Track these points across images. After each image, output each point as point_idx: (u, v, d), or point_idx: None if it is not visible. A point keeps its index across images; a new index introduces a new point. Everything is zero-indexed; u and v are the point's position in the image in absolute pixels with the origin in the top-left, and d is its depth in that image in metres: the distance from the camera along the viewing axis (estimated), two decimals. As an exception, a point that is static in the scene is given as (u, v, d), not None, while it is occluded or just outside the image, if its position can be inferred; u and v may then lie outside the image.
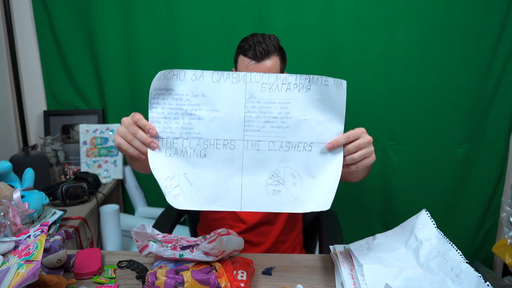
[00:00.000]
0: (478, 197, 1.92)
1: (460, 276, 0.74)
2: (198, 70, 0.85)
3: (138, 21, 1.76)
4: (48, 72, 1.86)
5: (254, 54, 1.14)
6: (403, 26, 1.73)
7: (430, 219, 0.89)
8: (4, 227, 0.97)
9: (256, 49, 1.13)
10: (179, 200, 0.85)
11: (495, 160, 1.88)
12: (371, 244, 0.91)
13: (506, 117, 1.83)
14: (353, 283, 0.82)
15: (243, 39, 1.18)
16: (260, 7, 1.73)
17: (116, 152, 1.86)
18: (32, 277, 0.70)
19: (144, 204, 1.95)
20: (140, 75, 1.82)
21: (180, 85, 0.86)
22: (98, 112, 1.88)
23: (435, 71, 1.77)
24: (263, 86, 0.84)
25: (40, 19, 1.80)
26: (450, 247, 0.81)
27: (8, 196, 1.12)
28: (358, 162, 0.84)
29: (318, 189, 0.86)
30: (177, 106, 0.86)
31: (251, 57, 1.14)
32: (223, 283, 0.80)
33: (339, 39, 1.75)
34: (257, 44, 1.14)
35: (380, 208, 1.93)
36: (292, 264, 0.96)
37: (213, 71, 0.84)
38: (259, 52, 1.13)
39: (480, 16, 1.71)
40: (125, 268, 0.95)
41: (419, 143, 1.86)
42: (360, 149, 0.84)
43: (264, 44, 1.14)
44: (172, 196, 0.85)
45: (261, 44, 1.14)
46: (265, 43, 1.14)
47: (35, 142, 1.88)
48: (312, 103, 0.83)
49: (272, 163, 0.85)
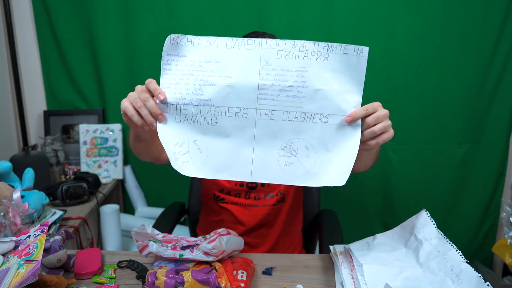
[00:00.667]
0: (478, 197, 1.92)
1: (460, 276, 0.74)
2: (213, 37, 0.82)
3: (138, 21, 1.76)
4: (48, 72, 1.86)
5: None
6: (403, 26, 1.73)
7: (430, 219, 0.89)
8: (4, 227, 0.97)
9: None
10: (187, 167, 0.82)
11: (495, 160, 1.88)
12: (371, 244, 0.91)
13: (506, 117, 1.83)
14: (353, 283, 0.82)
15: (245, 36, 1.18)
16: (260, 7, 1.73)
17: (116, 152, 1.86)
18: (32, 277, 0.70)
19: (144, 204, 1.95)
20: (140, 75, 1.82)
21: (193, 52, 0.83)
22: (98, 112, 1.88)
23: (435, 71, 1.77)
24: (279, 53, 0.81)
25: (40, 19, 1.80)
26: (450, 247, 0.81)
27: (8, 196, 1.12)
28: (378, 136, 0.81)
29: (333, 164, 0.82)
30: (189, 72, 0.83)
31: None
32: (223, 283, 0.80)
33: (339, 39, 1.75)
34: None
35: (380, 208, 1.93)
36: (292, 264, 0.96)
37: (228, 37, 0.81)
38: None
39: (480, 16, 1.71)
40: (125, 268, 0.95)
41: (419, 143, 1.86)
42: (379, 122, 0.80)
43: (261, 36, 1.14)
44: (181, 163, 0.82)
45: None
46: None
47: (35, 142, 1.88)
48: (330, 73, 0.80)
49: (285, 134, 0.81)
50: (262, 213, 1.24)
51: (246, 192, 1.23)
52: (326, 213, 1.43)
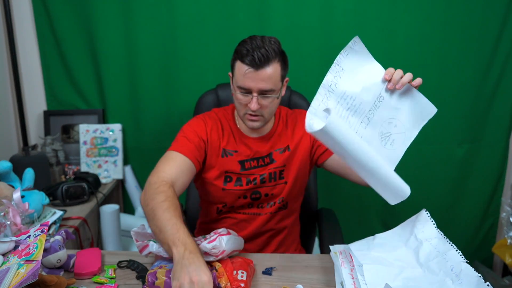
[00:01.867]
0: (478, 197, 1.92)
1: (460, 276, 0.74)
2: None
3: (138, 21, 1.76)
4: (48, 72, 1.86)
5: (252, 60, 1.03)
6: (403, 26, 1.73)
7: (430, 219, 0.89)
8: (4, 227, 0.97)
9: (254, 56, 1.03)
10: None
11: (495, 160, 1.88)
12: (371, 244, 0.90)
13: (506, 117, 1.83)
14: (353, 283, 0.82)
15: (241, 42, 1.08)
16: (260, 7, 1.73)
17: (116, 152, 1.86)
18: (32, 277, 0.70)
19: (144, 204, 1.95)
20: (140, 75, 1.82)
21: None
22: (98, 112, 1.88)
23: (435, 71, 1.77)
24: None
25: (40, 19, 1.80)
26: (450, 247, 0.81)
27: (8, 196, 1.12)
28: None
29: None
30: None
31: (249, 64, 1.04)
32: (223, 283, 0.80)
33: (339, 39, 1.75)
34: (256, 49, 1.03)
35: (380, 208, 1.93)
36: (292, 264, 0.97)
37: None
38: (257, 59, 1.03)
39: (480, 16, 1.71)
40: (125, 268, 0.95)
41: (419, 143, 1.85)
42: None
43: (264, 49, 1.03)
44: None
45: (260, 49, 1.03)
46: (265, 48, 1.04)
47: (35, 142, 1.88)
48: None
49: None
50: (263, 220, 1.22)
51: (249, 204, 1.21)
52: (325, 212, 1.43)
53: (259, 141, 1.20)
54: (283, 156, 1.20)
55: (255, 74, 1.05)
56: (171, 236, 0.85)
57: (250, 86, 1.07)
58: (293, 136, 1.22)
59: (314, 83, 1.87)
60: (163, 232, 0.87)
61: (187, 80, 1.79)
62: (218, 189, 1.19)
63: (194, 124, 1.19)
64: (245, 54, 1.04)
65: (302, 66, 1.77)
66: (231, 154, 1.18)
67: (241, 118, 1.15)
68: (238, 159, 1.18)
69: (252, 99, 1.07)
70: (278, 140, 1.21)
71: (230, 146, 1.19)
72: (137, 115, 1.86)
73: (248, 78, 1.06)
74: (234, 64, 1.10)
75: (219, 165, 1.17)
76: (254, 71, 1.05)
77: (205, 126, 1.18)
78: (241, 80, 1.07)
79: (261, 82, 1.06)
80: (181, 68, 1.80)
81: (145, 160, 1.91)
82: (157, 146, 1.84)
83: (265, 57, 1.04)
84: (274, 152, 1.20)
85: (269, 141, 1.20)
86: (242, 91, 1.08)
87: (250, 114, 1.11)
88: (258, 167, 1.19)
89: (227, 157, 1.17)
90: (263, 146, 1.20)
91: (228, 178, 1.18)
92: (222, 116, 1.23)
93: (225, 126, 1.21)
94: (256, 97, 1.07)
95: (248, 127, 1.15)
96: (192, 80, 1.80)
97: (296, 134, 1.22)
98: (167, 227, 0.87)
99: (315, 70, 1.79)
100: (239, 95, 1.09)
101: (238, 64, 1.07)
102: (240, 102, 1.11)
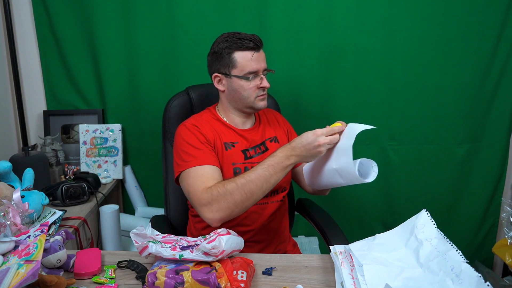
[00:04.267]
0: (478, 197, 1.92)
1: (460, 276, 0.74)
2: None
3: (138, 21, 1.76)
4: (48, 72, 1.86)
5: (254, 44, 1.15)
6: (403, 26, 1.73)
7: (430, 219, 0.89)
8: (4, 227, 0.97)
9: (253, 40, 1.15)
10: None
11: (495, 160, 1.88)
12: (371, 244, 0.90)
13: (506, 117, 1.83)
14: (353, 283, 0.82)
15: (223, 39, 1.18)
16: (260, 7, 1.73)
17: (116, 152, 1.86)
18: (32, 277, 0.70)
19: (144, 204, 1.95)
20: (140, 75, 1.82)
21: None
22: (98, 112, 1.88)
23: (435, 71, 1.77)
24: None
25: (40, 19, 1.80)
26: (450, 247, 0.81)
27: (8, 196, 1.12)
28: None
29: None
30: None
31: (252, 48, 1.15)
32: (223, 283, 0.80)
33: (339, 39, 1.75)
34: (247, 35, 1.16)
35: (380, 208, 1.93)
36: (292, 264, 0.96)
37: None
38: (258, 41, 1.16)
39: (480, 16, 1.71)
40: (125, 268, 0.95)
41: (419, 143, 1.86)
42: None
43: (250, 34, 1.17)
44: None
45: (250, 34, 1.17)
46: (250, 34, 1.17)
47: (35, 142, 1.88)
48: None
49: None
50: (272, 210, 1.25)
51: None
52: (306, 202, 1.48)
53: (250, 131, 1.27)
54: (275, 146, 1.28)
55: (259, 55, 1.17)
56: (272, 167, 1.03)
57: (258, 68, 1.17)
58: (276, 130, 1.33)
59: (314, 82, 1.89)
60: (266, 175, 1.03)
61: (187, 80, 1.79)
62: None
63: (192, 133, 1.18)
64: (244, 43, 1.15)
65: (302, 66, 1.77)
66: (233, 146, 1.22)
67: (251, 103, 1.21)
68: (240, 149, 1.23)
69: (263, 77, 1.19)
70: (265, 130, 1.31)
71: (228, 139, 1.23)
72: (137, 115, 1.86)
73: (255, 60, 1.16)
74: (232, 57, 1.17)
75: (226, 159, 1.20)
76: (257, 53, 1.17)
77: (199, 129, 1.19)
78: (249, 65, 1.16)
79: (263, 61, 1.19)
80: (181, 68, 1.80)
81: (145, 160, 1.91)
82: (157, 146, 1.84)
83: (259, 39, 1.18)
84: (266, 140, 1.28)
85: (259, 131, 1.29)
86: (251, 75, 1.17)
87: (261, 94, 1.21)
88: (257, 155, 1.24)
89: (230, 149, 1.21)
90: (256, 135, 1.27)
91: (237, 170, 1.20)
92: (208, 117, 1.26)
93: (216, 124, 1.24)
94: (265, 75, 1.20)
95: (259, 108, 1.22)
96: (192, 80, 1.79)
97: (279, 130, 1.34)
98: (261, 173, 1.03)
99: (315, 70, 1.79)
100: (250, 81, 1.18)
101: (239, 53, 1.16)
102: (250, 87, 1.18)
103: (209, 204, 1.03)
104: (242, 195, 1.02)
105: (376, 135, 1.85)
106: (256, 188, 1.03)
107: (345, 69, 1.78)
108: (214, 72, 1.22)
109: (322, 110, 1.83)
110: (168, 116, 1.39)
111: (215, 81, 1.23)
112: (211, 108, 1.30)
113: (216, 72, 1.21)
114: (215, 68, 1.21)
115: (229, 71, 1.18)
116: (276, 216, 1.27)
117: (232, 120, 1.26)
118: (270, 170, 1.03)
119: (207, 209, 1.03)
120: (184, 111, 1.40)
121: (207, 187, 1.05)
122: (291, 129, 1.40)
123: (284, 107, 1.60)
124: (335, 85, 1.80)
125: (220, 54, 1.17)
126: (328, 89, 1.81)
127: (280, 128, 1.35)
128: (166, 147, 1.39)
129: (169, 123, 1.38)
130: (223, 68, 1.19)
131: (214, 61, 1.21)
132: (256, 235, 1.24)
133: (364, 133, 1.87)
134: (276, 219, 1.28)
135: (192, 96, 1.43)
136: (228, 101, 1.24)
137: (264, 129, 1.31)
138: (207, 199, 1.03)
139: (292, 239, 1.42)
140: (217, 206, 1.02)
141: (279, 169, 1.04)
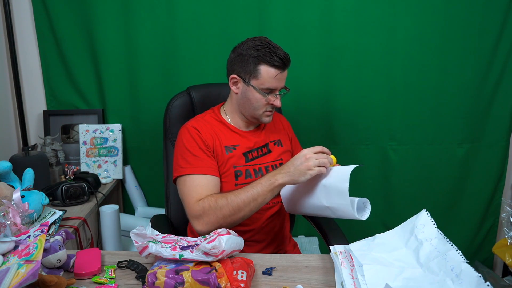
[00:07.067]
0: (478, 197, 1.92)
1: (460, 276, 0.74)
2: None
3: (138, 21, 1.76)
4: (48, 72, 1.86)
5: (282, 63, 1.13)
6: (403, 26, 1.73)
7: (430, 219, 0.89)
8: (4, 227, 0.97)
9: (282, 59, 1.12)
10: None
11: (495, 160, 1.88)
12: (371, 244, 0.90)
13: (506, 117, 1.83)
14: (353, 283, 0.82)
15: (257, 45, 1.13)
16: (260, 7, 1.73)
17: (116, 152, 1.86)
18: (32, 277, 0.70)
19: (144, 204, 1.95)
20: (140, 75, 1.82)
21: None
22: (98, 112, 1.88)
23: (435, 71, 1.77)
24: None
25: (40, 19, 1.80)
26: (450, 247, 0.81)
27: (8, 196, 1.12)
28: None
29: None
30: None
31: (278, 67, 1.13)
32: (223, 283, 0.80)
33: (339, 39, 1.75)
34: (279, 50, 1.13)
35: (380, 208, 1.93)
36: (292, 264, 0.96)
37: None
38: (284, 61, 1.13)
39: (480, 16, 1.71)
40: (125, 268, 0.95)
41: (419, 143, 1.86)
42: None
43: (282, 51, 1.13)
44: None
45: (281, 51, 1.13)
46: (281, 49, 1.14)
47: (35, 142, 1.88)
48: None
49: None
50: (273, 211, 1.25)
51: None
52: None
53: (254, 132, 1.27)
54: (278, 150, 1.28)
55: (282, 75, 1.16)
56: (260, 185, 1.04)
57: (277, 86, 1.16)
58: (281, 134, 1.33)
59: (314, 82, 1.89)
60: (253, 192, 1.04)
61: (187, 80, 1.79)
62: (231, 186, 1.20)
63: (192, 137, 1.18)
64: (273, 59, 1.12)
65: (302, 66, 1.77)
66: (234, 149, 1.21)
67: (257, 116, 1.20)
68: (241, 152, 1.22)
69: (278, 97, 1.18)
70: (269, 133, 1.31)
71: (229, 142, 1.22)
72: (137, 115, 1.86)
73: (277, 79, 1.15)
74: (257, 68, 1.14)
75: (226, 162, 1.19)
76: (281, 73, 1.15)
77: (200, 133, 1.19)
78: (270, 82, 1.15)
79: (283, 80, 1.18)
80: (181, 68, 1.80)
81: (145, 160, 1.91)
82: (157, 146, 1.84)
83: (288, 59, 1.15)
84: (269, 143, 1.28)
85: (262, 133, 1.28)
86: (267, 91, 1.16)
87: (269, 110, 1.20)
88: (259, 157, 1.24)
89: (231, 152, 1.21)
90: (259, 136, 1.27)
91: (238, 172, 1.20)
92: (210, 118, 1.25)
93: (218, 127, 1.23)
94: (280, 94, 1.19)
95: (264, 122, 1.24)
96: (192, 80, 1.79)
97: (284, 134, 1.34)
98: (249, 190, 1.04)
99: (315, 70, 1.79)
100: (263, 95, 1.16)
101: (265, 68, 1.13)
102: (263, 102, 1.17)
103: (200, 217, 1.06)
104: (230, 211, 1.05)
105: (376, 135, 1.85)
106: (243, 205, 1.05)
107: (345, 69, 1.78)
108: (233, 73, 1.18)
109: (322, 110, 1.83)
110: (169, 115, 1.39)
111: (230, 82, 1.20)
112: (215, 109, 1.29)
113: (236, 74, 1.18)
114: (235, 69, 1.17)
115: (249, 79, 1.15)
116: (276, 216, 1.27)
117: (236, 121, 1.26)
118: (258, 189, 1.05)
119: (197, 221, 1.07)
120: (186, 111, 1.40)
121: (199, 199, 1.08)
122: (295, 138, 1.40)
123: (284, 107, 1.60)
124: (335, 85, 1.80)
125: (246, 60, 1.14)
126: (328, 89, 1.81)
127: (285, 132, 1.35)
128: (167, 147, 1.39)
129: (170, 123, 1.38)
130: (244, 74, 1.16)
131: (237, 63, 1.16)
132: (256, 235, 1.24)
133: (364, 133, 1.88)
134: (277, 219, 1.28)
135: (193, 96, 1.43)
136: (237, 104, 1.22)
137: (268, 132, 1.30)
138: (198, 211, 1.06)
139: (292, 239, 1.42)
140: (207, 219, 1.06)
141: (267, 189, 1.05)
